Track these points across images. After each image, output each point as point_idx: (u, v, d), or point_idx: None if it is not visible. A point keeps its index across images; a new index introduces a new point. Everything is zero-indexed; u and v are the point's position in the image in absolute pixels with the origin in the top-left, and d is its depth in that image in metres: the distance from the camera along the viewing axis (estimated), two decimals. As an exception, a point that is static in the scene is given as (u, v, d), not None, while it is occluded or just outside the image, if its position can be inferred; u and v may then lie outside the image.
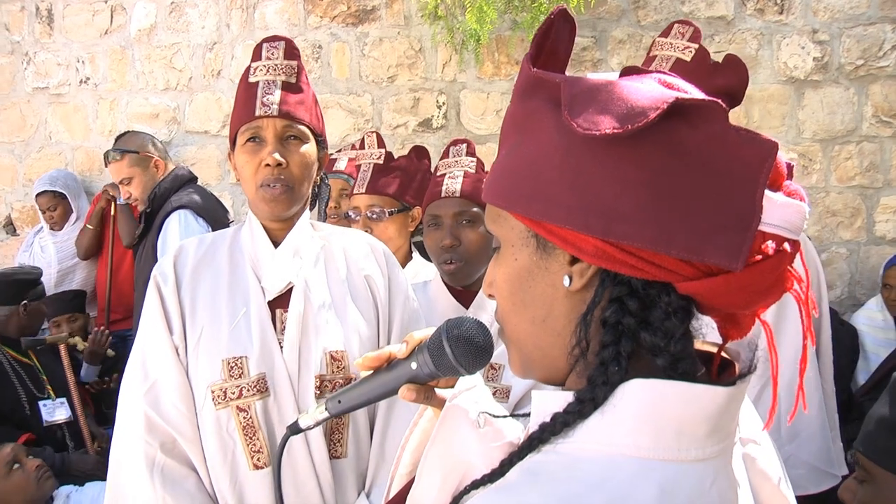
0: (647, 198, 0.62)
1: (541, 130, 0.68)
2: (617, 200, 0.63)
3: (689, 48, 1.71)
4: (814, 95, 3.98)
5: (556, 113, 0.67)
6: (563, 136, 0.66)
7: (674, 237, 0.62)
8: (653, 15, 4.07)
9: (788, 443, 1.71)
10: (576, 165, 0.65)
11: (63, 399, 3.15)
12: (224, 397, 1.43)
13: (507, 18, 4.01)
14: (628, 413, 0.65)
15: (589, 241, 0.65)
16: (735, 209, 0.61)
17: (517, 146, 0.71)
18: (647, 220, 0.63)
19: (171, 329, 1.47)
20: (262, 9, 4.38)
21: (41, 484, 2.53)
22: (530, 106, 0.70)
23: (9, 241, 4.79)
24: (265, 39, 1.60)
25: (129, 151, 3.24)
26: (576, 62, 4.11)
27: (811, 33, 3.95)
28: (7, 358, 3.11)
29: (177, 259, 1.54)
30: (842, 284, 4.09)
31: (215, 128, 4.48)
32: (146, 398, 1.43)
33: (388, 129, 4.27)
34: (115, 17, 4.56)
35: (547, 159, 0.67)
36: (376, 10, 4.27)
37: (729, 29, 4.01)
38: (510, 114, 0.74)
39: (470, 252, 1.86)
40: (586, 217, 0.64)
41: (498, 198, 0.72)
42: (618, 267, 0.65)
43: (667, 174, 0.62)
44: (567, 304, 0.70)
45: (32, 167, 4.70)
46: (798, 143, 4.03)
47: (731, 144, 0.62)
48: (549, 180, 0.66)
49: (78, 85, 4.63)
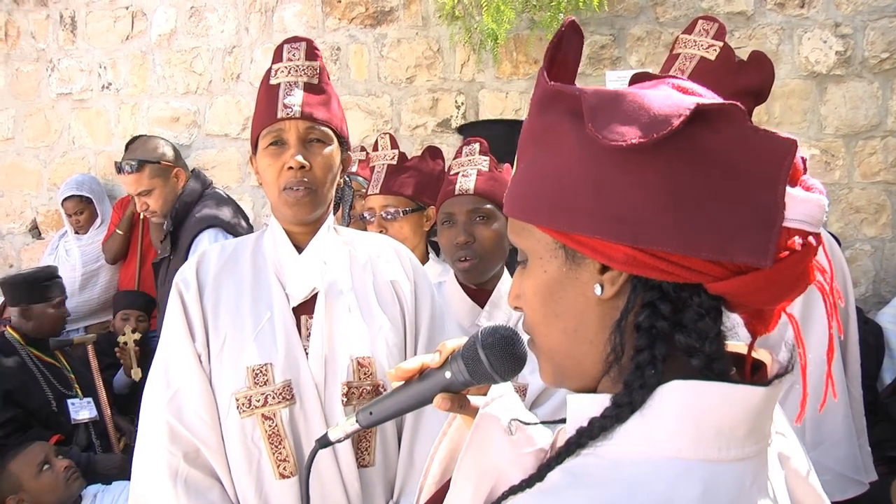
0: (674, 203, 0.64)
1: (561, 142, 0.69)
2: (644, 207, 0.64)
3: (714, 46, 1.69)
4: (836, 90, 3.94)
5: (575, 125, 0.67)
6: (584, 147, 0.66)
7: (702, 239, 0.63)
8: (671, 11, 4.04)
9: (813, 449, 1.67)
10: (600, 175, 0.65)
11: (90, 399, 3.18)
12: (249, 405, 1.40)
13: (525, 18, 4.01)
14: (668, 415, 0.66)
15: (619, 248, 0.66)
16: (760, 208, 0.63)
17: (537, 159, 0.71)
18: (674, 225, 0.63)
19: (194, 336, 1.45)
20: (281, 12, 4.41)
21: (69, 484, 2.57)
22: (549, 119, 0.70)
23: (34, 244, 4.85)
24: (286, 41, 1.57)
25: (148, 162, 2.98)
26: (594, 60, 4.10)
27: (833, 27, 3.90)
28: (32, 359, 3.15)
29: (199, 265, 1.52)
30: (866, 282, 4.04)
31: (235, 131, 4.51)
32: (169, 407, 1.41)
33: (406, 129, 4.28)
34: (136, 23, 4.61)
35: (570, 171, 0.67)
36: (394, 11, 4.28)
37: (749, 24, 3.98)
38: (528, 128, 0.74)
39: (484, 249, 1.85)
40: (614, 226, 0.65)
41: (522, 211, 0.73)
42: (648, 272, 0.66)
43: (691, 179, 0.63)
44: (599, 312, 0.70)
45: (56, 172, 4.76)
46: (820, 138, 3.98)
47: (751, 145, 0.63)
48: (574, 191, 0.67)
49: (100, 90, 4.69)
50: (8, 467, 2.56)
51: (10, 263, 4.89)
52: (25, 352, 3.15)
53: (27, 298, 3.16)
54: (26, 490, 2.54)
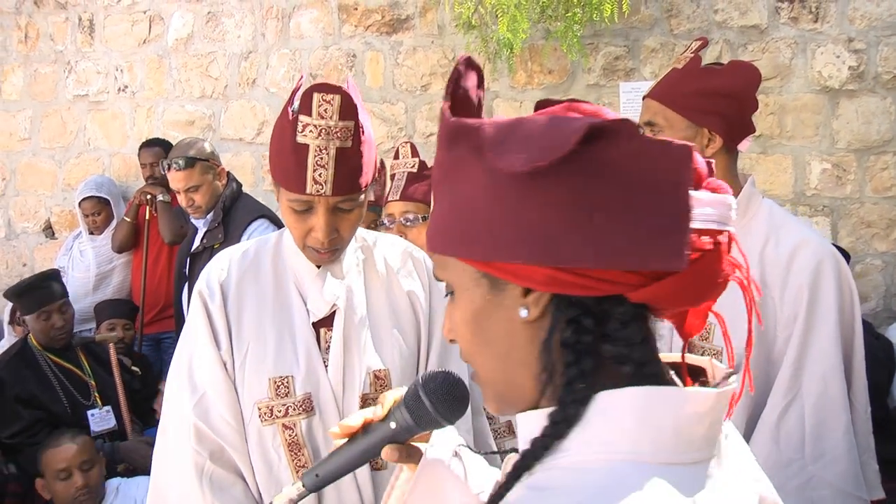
0: (584, 220, 0.65)
1: (469, 175, 0.71)
2: (556, 228, 0.66)
3: (687, 58, 1.81)
4: (849, 105, 3.96)
5: (479, 156, 0.69)
6: (490, 176, 0.68)
7: (616, 251, 0.65)
8: (685, 24, 4.07)
9: (813, 463, 1.67)
10: (510, 202, 0.67)
11: (108, 407, 3.20)
12: (270, 415, 1.44)
13: (540, 28, 4.04)
14: (607, 423, 0.67)
15: (538, 270, 0.67)
16: (667, 214, 0.65)
17: (450, 194, 0.73)
18: (588, 241, 0.65)
19: (219, 345, 1.47)
20: (297, 18, 4.45)
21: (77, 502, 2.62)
22: (455, 153, 0.72)
23: (47, 244, 4.89)
24: (316, 87, 1.40)
25: (199, 159, 3.17)
26: (608, 71, 4.13)
27: (847, 42, 3.92)
28: (51, 366, 3.17)
29: (222, 274, 1.52)
30: (877, 297, 4.05)
31: (250, 135, 4.55)
32: (195, 410, 1.44)
33: (421, 137, 4.31)
34: (154, 27, 4.66)
35: (481, 201, 0.69)
36: (410, 19, 4.32)
37: (762, 38, 4.00)
38: (438, 163, 0.76)
39: None
40: (531, 249, 0.67)
41: (442, 246, 0.74)
42: (569, 290, 0.68)
43: (597, 194, 0.65)
44: (527, 334, 0.72)
45: (71, 173, 4.81)
46: (832, 153, 4.00)
47: (650, 155, 0.65)
48: (487, 221, 0.69)
49: (116, 93, 4.73)
50: (45, 452, 2.64)
51: (23, 262, 4.92)
52: (44, 358, 3.16)
53: (37, 304, 3.17)
54: (48, 482, 2.61)
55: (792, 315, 1.68)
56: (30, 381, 3.09)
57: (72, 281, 4.27)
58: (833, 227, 4.01)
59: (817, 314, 1.67)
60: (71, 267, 4.36)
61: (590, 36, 4.08)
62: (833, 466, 1.66)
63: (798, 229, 1.77)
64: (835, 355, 1.67)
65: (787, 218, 1.82)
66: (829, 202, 4.01)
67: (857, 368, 1.74)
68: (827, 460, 1.66)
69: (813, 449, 1.67)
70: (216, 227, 3.16)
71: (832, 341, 1.67)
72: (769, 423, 1.68)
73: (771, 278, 1.70)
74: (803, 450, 1.67)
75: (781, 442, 1.66)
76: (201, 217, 3.22)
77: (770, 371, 1.70)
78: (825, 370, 1.67)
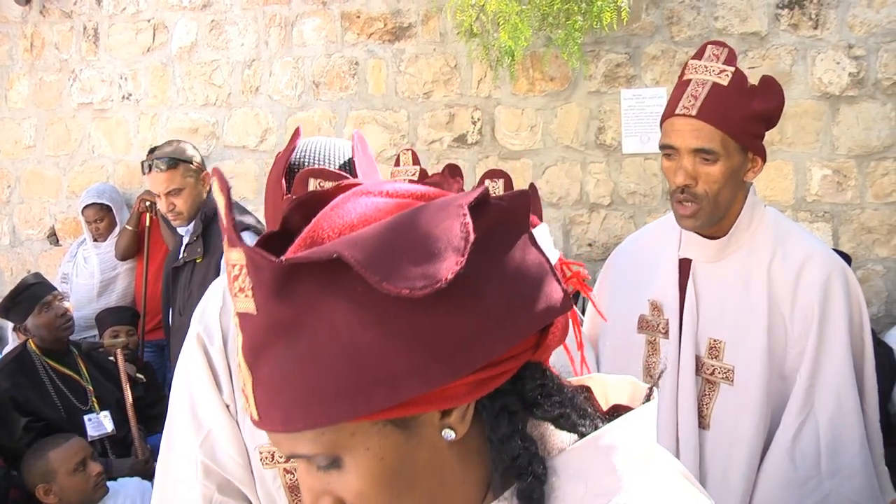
0: (486, 308, 0.60)
1: (327, 318, 0.58)
2: (469, 331, 0.59)
3: (726, 72, 1.65)
4: (849, 111, 3.97)
5: (341, 291, 0.58)
6: (364, 308, 0.58)
7: (521, 323, 0.62)
8: (686, 31, 4.09)
9: (829, 478, 1.65)
10: (400, 329, 0.58)
11: (107, 412, 3.20)
12: (272, 459, 1.42)
13: (542, 35, 4.06)
14: (572, 483, 0.64)
15: (457, 385, 0.60)
16: (536, 264, 0.64)
17: (295, 353, 0.59)
18: (496, 327, 0.61)
19: (221, 389, 1.42)
20: (300, 26, 4.48)
21: (96, 490, 2.64)
22: (294, 302, 0.59)
23: (52, 251, 4.91)
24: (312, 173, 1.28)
25: (181, 161, 2.99)
26: (610, 78, 4.15)
27: (847, 48, 3.94)
28: (48, 371, 3.18)
29: (222, 313, 1.43)
30: (878, 302, 4.06)
31: (253, 143, 4.57)
32: (202, 448, 1.42)
33: (423, 144, 4.33)
34: (158, 35, 4.69)
35: (358, 342, 0.58)
36: (412, 27, 4.35)
37: (763, 45, 4.02)
38: (263, 325, 0.60)
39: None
40: (446, 366, 0.59)
41: (313, 418, 0.59)
42: (492, 385, 0.62)
43: (486, 276, 0.61)
44: (456, 453, 0.65)
45: (75, 180, 4.83)
46: (832, 159, 4.01)
47: (503, 214, 0.63)
48: (377, 361, 0.58)
49: (120, 101, 4.76)
50: (48, 455, 2.63)
51: (27, 269, 4.93)
52: (41, 363, 3.16)
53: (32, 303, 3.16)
54: (57, 483, 2.60)
55: (803, 331, 1.66)
56: (26, 386, 3.08)
57: (76, 288, 4.29)
58: (834, 233, 4.02)
59: (829, 330, 1.66)
60: (75, 274, 4.39)
61: (591, 43, 4.10)
62: (850, 482, 1.64)
63: (804, 241, 1.75)
64: (847, 370, 1.66)
65: (792, 228, 1.79)
66: (830, 208, 4.02)
67: (868, 378, 1.74)
68: (844, 476, 1.64)
69: (829, 465, 1.65)
70: (195, 241, 2.97)
71: (844, 356, 1.66)
72: (784, 440, 1.66)
73: (780, 294, 1.69)
74: (819, 466, 1.65)
75: (797, 459, 1.64)
76: (183, 224, 3.03)
77: (783, 388, 1.69)
78: (839, 385, 1.65)
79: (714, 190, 1.64)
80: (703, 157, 1.63)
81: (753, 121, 1.65)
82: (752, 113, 1.65)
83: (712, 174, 1.63)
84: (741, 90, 1.65)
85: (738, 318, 1.72)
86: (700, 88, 1.65)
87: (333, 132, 4.44)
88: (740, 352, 1.70)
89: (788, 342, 1.68)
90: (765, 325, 1.68)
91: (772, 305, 1.69)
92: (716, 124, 1.61)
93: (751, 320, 1.70)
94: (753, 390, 1.67)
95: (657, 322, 1.82)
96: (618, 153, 4.15)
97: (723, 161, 1.63)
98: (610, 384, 0.74)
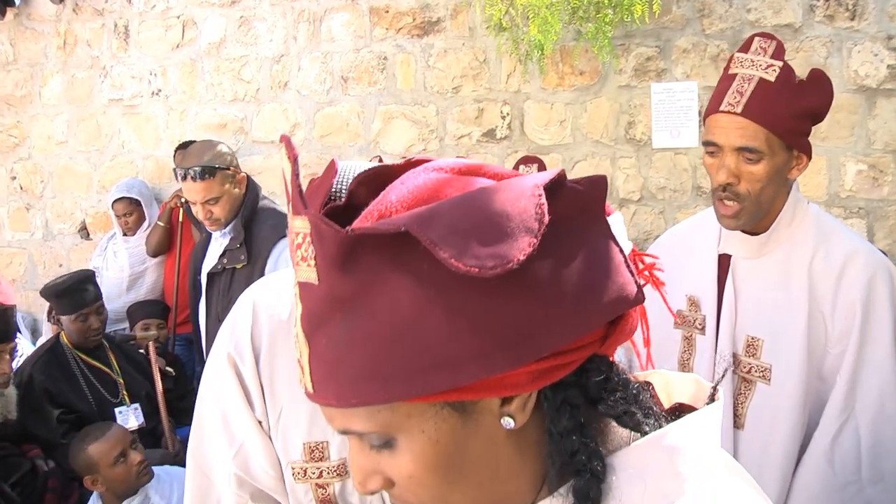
0: (557, 295, 0.58)
1: (391, 293, 0.56)
2: (532, 317, 0.57)
3: (773, 66, 1.61)
4: (886, 105, 3.89)
5: (405, 266, 0.56)
6: (430, 287, 0.56)
7: (592, 313, 0.59)
8: (718, 24, 4.03)
9: (871, 485, 1.60)
10: (467, 309, 0.56)
11: (136, 405, 3.24)
12: (304, 475, 1.42)
13: (572, 29, 4.03)
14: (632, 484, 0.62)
15: (520, 373, 0.58)
16: (612, 252, 0.62)
17: (357, 326, 0.57)
18: (566, 316, 0.58)
19: (253, 407, 1.41)
20: (329, 22, 4.49)
21: (139, 478, 2.68)
22: (357, 277, 0.57)
23: (82, 245, 4.98)
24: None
25: (220, 168, 2.82)
26: (640, 72, 4.10)
27: (886, 39, 3.86)
28: (78, 362, 3.22)
29: (253, 330, 1.42)
30: (915, 299, 3.98)
31: (281, 138, 4.58)
32: (235, 461, 1.42)
33: (452, 139, 4.32)
34: (187, 32, 4.72)
35: (423, 321, 0.56)
36: (441, 21, 4.33)
37: (797, 37, 3.95)
38: (324, 298, 0.59)
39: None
40: (509, 352, 0.57)
41: (373, 395, 0.58)
42: (556, 376, 0.60)
43: (561, 261, 0.58)
44: (514, 443, 0.63)
45: (106, 175, 4.89)
46: (868, 154, 3.93)
47: (579, 200, 0.61)
48: (440, 341, 0.56)
49: (150, 97, 4.80)
50: (88, 449, 2.66)
51: (59, 263, 5.01)
52: (73, 357, 3.21)
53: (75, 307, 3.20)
54: (101, 474, 2.64)
55: (845, 331, 1.62)
56: (58, 378, 3.13)
57: (106, 281, 4.34)
58: (869, 229, 3.94)
59: (871, 330, 1.61)
60: (105, 267, 4.44)
61: (621, 37, 4.06)
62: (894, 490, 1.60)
63: (848, 239, 1.70)
64: (891, 371, 1.61)
65: (836, 226, 1.75)
66: (865, 204, 3.95)
67: None
68: (888, 483, 1.60)
69: (870, 470, 1.61)
70: (238, 248, 2.85)
71: (888, 357, 1.61)
72: (823, 443, 1.62)
73: (821, 292, 1.65)
74: (860, 471, 1.61)
75: (836, 464, 1.60)
76: (220, 229, 2.91)
77: (822, 388, 1.65)
78: (881, 387, 1.61)
79: (757, 189, 1.60)
80: (746, 156, 1.59)
81: (800, 118, 1.61)
82: (800, 110, 1.60)
83: (756, 173, 1.59)
84: (789, 86, 1.60)
85: (777, 315, 1.68)
86: (746, 84, 1.60)
87: (362, 127, 4.45)
88: (779, 350, 1.67)
89: (829, 342, 1.64)
90: (805, 324, 1.64)
91: (812, 304, 1.65)
92: (761, 123, 1.56)
93: (790, 318, 1.66)
94: (791, 390, 1.64)
95: (694, 317, 1.79)
96: (647, 148, 4.11)
97: (767, 160, 1.58)
98: (673, 381, 0.71)
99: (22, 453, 2.87)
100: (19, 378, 3.06)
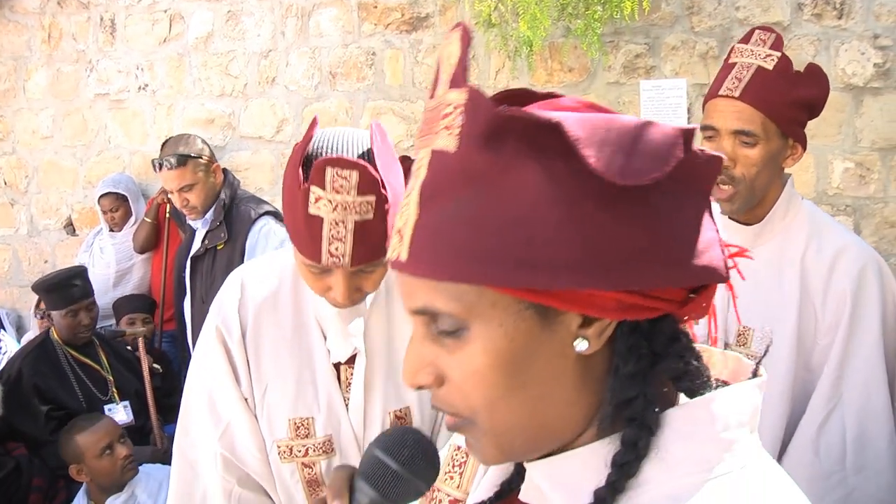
0: (667, 236, 0.59)
1: (520, 181, 0.57)
2: (634, 247, 0.58)
3: (772, 56, 1.65)
4: (873, 103, 3.91)
5: (542, 160, 0.57)
6: (558, 186, 0.57)
7: (689, 269, 0.60)
8: (707, 21, 4.04)
9: (855, 474, 1.62)
10: (583, 218, 0.57)
11: (126, 402, 3.22)
12: (290, 454, 1.42)
13: (561, 26, 4.02)
14: (685, 442, 0.62)
15: (609, 297, 0.59)
16: (710, 224, 0.63)
17: (476, 203, 0.58)
18: (669, 259, 0.59)
19: (239, 382, 1.42)
20: (317, 17, 4.46)
21: (124, 472, 2.69)
22: (496, 154, 0.57)
23: (68, 240, 4.93)
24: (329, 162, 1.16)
25: (191, 157, 3.03)
26: (629, 69, 4.11)
27: (872, 38, 3.88)
28: (68, 358, 3.20)
29: (240, 305, 1.42)
30: (900, 296, 4.01)
31: (269, 133, 4.56)
32: (221, 442, 1.43)
33: (439, 135, 4.30)
34: (174, 26, 4.68)
35: (540, 216, 0.57)
36: (430, 17, 4.32)
37: (785, 35, 3.94)
38: (455, 165, 0.59)
39: None
40: (607, 273, 0.58)
41: (469, 273, 0.58)
42: (638, 314, 0.61)
43: (669, 207, 0.60)
44: (579, 369, 0.62)
45: (92, 170, 4.84)
46: (855, 151, 3.96)
47: (703, 165, 0.62)
48: (549, 240, 0.57)
49: (137, 91, 4.76)
50: (76, 438, 2.66)
51: (44, 259, 4.97)
52: (63, 353, 3.19)
53: (66, 302, 3.19)
54: (86, 465, 2.64)
55: (834, 322, 1.65)
56: (48, 375, 3.12)
57: (92, 277, 4.27)
58: (856, 226, 3.97)
59: (860, 322, 1.64)
60: (91, 263, 4.40)
61: (610, 34, 4.06)
62: (876, 479, 1.62)
63: (840, 234, 1.74)
64: (878, 364, 1.63)
65: (828, 221, 1.78)
66: (852, 202, 3.97)
67: None
68: (870, 472, 1.62)
69: (854, 460, 1.63)
70: (217, 227, 3.01)
71: (875, 349, 1.64)
72: (808, 432, 1.64)
73: (812, 284, 1.68)
74: (844, 461, 1.63)
75: (821, 453, 1.62)
76: (198, 218, 3.08)
77: (809, 379, 1.67)
78: (868, 379, 1.63)
79: (752, 174, 1.64)
80: (742, 140, 1.64)
81: (796, 107, 1.66)
82: (796, 99, 1.65)
83: (751, 157, 1.64)
84: (786, 75, 1.66)
85: (768, 306, 1.70)
86: (745, 71, 1.67)
87: (350, 123, 4.42)
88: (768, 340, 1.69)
89: (818, 333, 1.67)
90: (795, 316, 1.67)
91: (804, 295, 1.67)
92: (758, 107, 1.62)
93: (781, 309, 1.69)
94: (779, 379, 1.66)
95: None
96: (636, 145, 4.11)
97: (762, 145, 1.63)
98: (715, 356, 0.72)
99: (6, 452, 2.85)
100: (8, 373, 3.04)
